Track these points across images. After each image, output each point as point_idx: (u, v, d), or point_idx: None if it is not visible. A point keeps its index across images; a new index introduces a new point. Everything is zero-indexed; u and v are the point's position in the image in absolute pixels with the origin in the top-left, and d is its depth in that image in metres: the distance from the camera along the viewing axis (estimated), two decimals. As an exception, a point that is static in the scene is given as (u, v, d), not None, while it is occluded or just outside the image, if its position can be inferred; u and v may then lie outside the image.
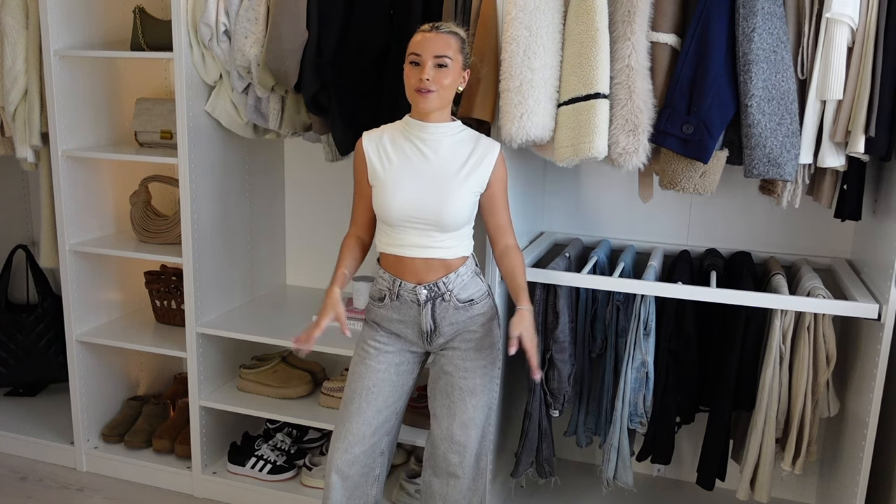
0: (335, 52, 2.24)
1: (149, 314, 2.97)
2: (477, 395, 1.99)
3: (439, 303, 1.95)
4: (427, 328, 1.97)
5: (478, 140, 1.94)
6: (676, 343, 2.20)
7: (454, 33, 1.86)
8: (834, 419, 2.34)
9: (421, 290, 1.94)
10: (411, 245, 1.92)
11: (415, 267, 1.93)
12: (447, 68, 1.83)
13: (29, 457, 2.90)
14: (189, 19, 2.38)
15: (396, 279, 1.95)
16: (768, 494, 2.14)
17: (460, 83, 1.90)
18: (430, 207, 1.88)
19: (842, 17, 1.82)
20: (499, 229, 2.00)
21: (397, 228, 1.92)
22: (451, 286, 1.95)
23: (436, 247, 1.92)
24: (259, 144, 2.82)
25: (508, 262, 2.00)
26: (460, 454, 2.00)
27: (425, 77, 1.82)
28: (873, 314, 1.95)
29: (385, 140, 1.94)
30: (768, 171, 1.88)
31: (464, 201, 1.90)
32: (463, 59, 1.88)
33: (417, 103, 1.86)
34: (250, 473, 2.66)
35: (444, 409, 2.00)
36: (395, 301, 1.97)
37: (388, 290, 1.97)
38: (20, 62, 2.60)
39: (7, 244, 3.24)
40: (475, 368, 1.99)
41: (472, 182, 1.90)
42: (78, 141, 2.69)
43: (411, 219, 1.89)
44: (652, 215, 2.59)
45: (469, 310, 1.98)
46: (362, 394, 1.99)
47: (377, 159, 1.93)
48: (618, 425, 2.20)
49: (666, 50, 1.96)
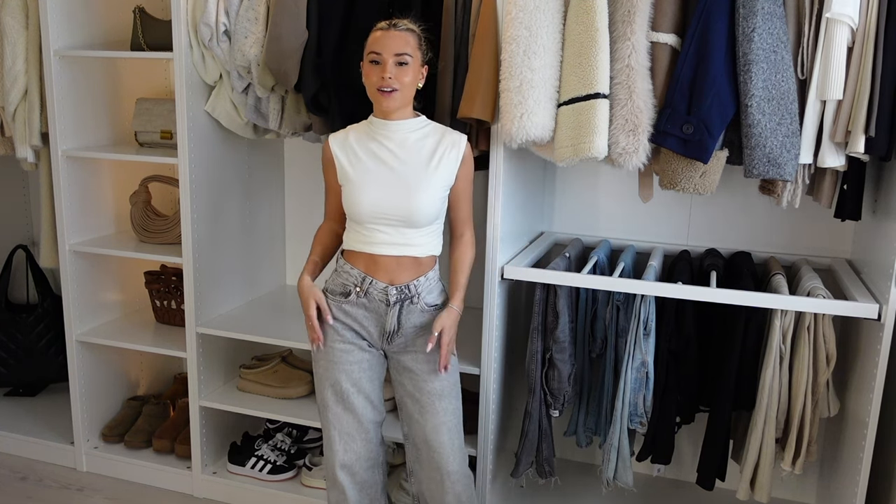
0: (335, 51, 2.24)
1: (149, 314, 2.97)
2: (439, 397, 2.00)
3: (407, 305, 1.97)
4: (391, 328, 1.98)
5: (444, 133, 1.97)
6: (676, 343, 2.20)
7: (411, 30, 1.89)
8: (834, 419, 2.34)
9: (391, 291, 1.95)
10: (382, 243, 1.93)
11: (387, 265, 1.94)
12: (408, 66, 1.86)
13: (29, 457, 2.90)
14: (189, 19, 2.38)
15: (367, 276, 1.95)
16: (768, 494, 2.14)
17: (419, 80, 1.92)
18: (400, 204, 1.89)
19: (842, 17, 1.81)
20: (458, 221, 2.04)
21: (367, 226, 1.93)
22: (420, 289, 1.97)
23: (407, 244, 1.93)
24: (259, 144, 2.82)
25: (457, 254, 2.03)
26: (445, 454, 2.00)
27: (387, 76, 1.84)
28: (873, 314, 1.95)
29: (351, 140, 1.97)
30: (768, 171, 1.88)
31: (433, 196, 1.92)
32: (421, 55, 1.90)
33: (380, 102, 1.89)
34: (250, 473, 2.66)
35: (416, 415, 2.01)
36: (361, 298, 1.97)
37: (355, 286, 1.97)
38: (20, 62, 2.60)
39: (7, 244, 3.24)
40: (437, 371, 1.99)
41: (440, 176, 1.93)
42: (78, 141, 2.69)
43: (382, 216, 1.90)
44: (652, 215, 2.59)
45: (433, 314, 2.00)
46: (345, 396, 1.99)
47: (345, 159, 1.95)
48: (618, 425, 2.20)
49: (666, 50, 1.96)
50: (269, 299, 2.91)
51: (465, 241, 2.04)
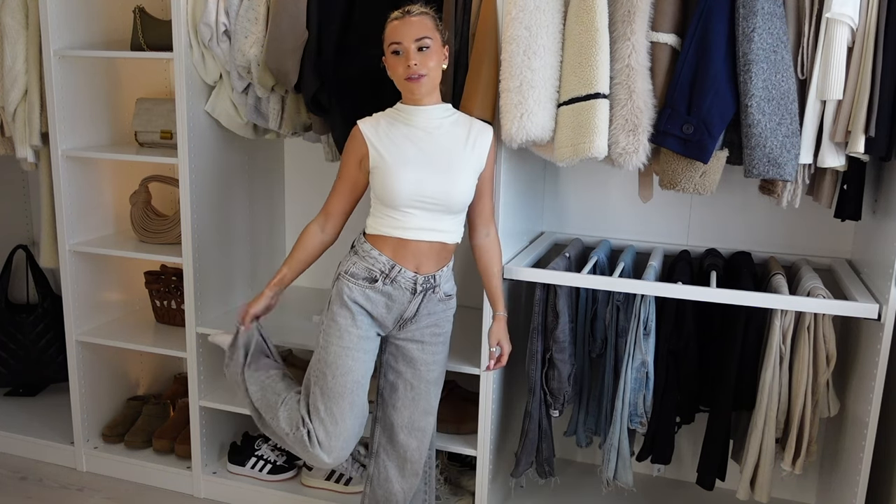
0: (335, 51, 2.24)
1: (149, 314, 2.97)
2: (435, 384, 2.08)
3: (429, 294, 1.99)
4: (409, 315, 2.00)
5: (471, 122, 1.98)
6: (676, 343, 2.20)
7: (425, 13, 1.87)
8: (834, 419, 2.34)
9: (419, 280, 1.96)
10: (417, 228, 1.92)
11: (418, 250, 1.94)
12: (430, 49, 1.85)
13: (29, 457, 2.90)
14: (189, 19, 2.38)
15: (395, 265, 1.95)
16: (768, 494, 2.14)
17: (444, 61, 1.91)
18: (439, 187, 1.89)
19: (842, 17, 1.81)
20: (482, 216, 2.03)
21: (403, 211, 1.91)
22: (440, 279, 2.00)
23: (440, 230, 1.94)
24: (259, 144, 2.82)
25: (487, 257, 2.05)
26: (419, 439, 2.07)
27: (412, 63, 1.83)
28: (873, 314, 1.95)
29: (381, 125, 1.94)
30: (768, 171, 1.88)
31: (468, 179, 1.93)
32: (440, 36, 1.89)
33: (411, 91, 1.87)
34: (250, 473, 2.66)
35: (406, 400, 2.05)
36: (387, 285, 1.97)
37: (382, 273, 1.96)
38: (20, 62, 2.60)
39: (7, 244, 3.24)
40: (439, 361, 2.07)
41: (473, 160, 1.94)
42: (78, 141, 2.69)
43: (420, 200, 1.90)
44: (652, 215, 2.59)
45: (446, 304, 2.04)
46: (354, 388, 1.98)
47: (379, 143, 1.92)
48: (618, 425, 2.20)
49: (666, 50, 1.96)
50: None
51: (492, 241, 2.07)
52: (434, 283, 1.98)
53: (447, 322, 2.07)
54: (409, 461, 2.09)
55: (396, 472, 2.10)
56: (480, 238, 2.05)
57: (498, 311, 2.07)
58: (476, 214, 2.03)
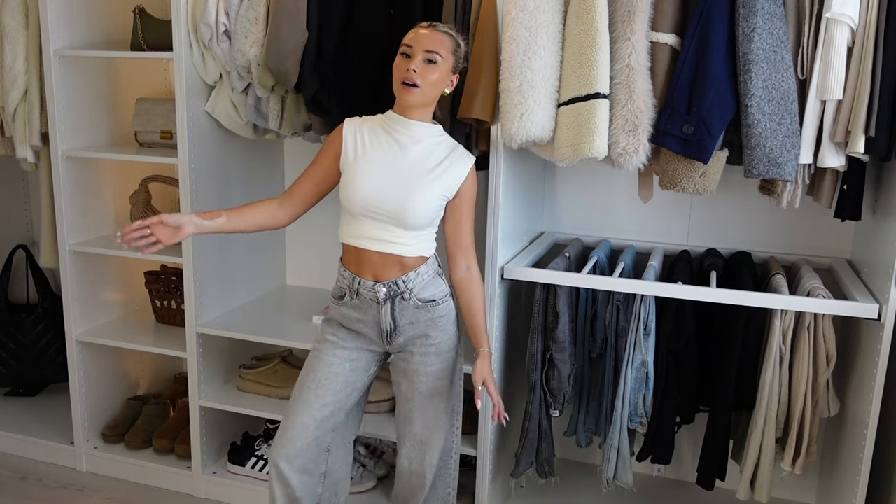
0: (335, 51, 2.24)
1: (149, 314, 2.97)
2: (437, 398, 2.00)
3: (399, 301, 1.93)
4: (387, 327, 1.96)
5: (454, 148, 1.94)
6: (676, 343, 2.20)
7: (448, 34, 1.86)
8: (834, 419, 2.34)
9: (380, 289, 1.92)
10: (369, 237, 1.90)
11: (371, 261, 1.92)
12: (436, 65, 1.83)
13: (29, 457, 2.90)
14: (189, 19, 2.38)
15: (356, 277, 1.95)
16: (768, 494, 2.14)
17: (448, 86, 1.89)
18: (393, 200, 1.86)
19: (842, 17, 1.81)
20: (461, 247, 1.96)
21: (359, 218, 1.90)
22: (410, 284, 1.93)
23: (394, 242, 1.90)
24: (259, 144, 2.82)
25: (468, 294, 1.97)
26: (423, 452, 2.02)
27: (412, 68, 1.81)
28: (873, 314, 1.95)
29: (364, 129, 1.93)
30: (768, 171, 1.88)
31: (429, 202, 1.88)
32: (454, 61, 1.87)
33: (402, 96, 1.85)
34: (250, 473, 2.66)
35: (406, 413, 2.02)
36: (354, 299, 1.96)
37: (348, 289, 1.96)
38: (20, 62, 2.60)
39: (7, 244, 3.24)
40: (436, 373, 1.98)
41: (440, 185, 1.89)
42: (78, 141, 2.69)
43: (373, 210, 1.88)
44: (652, 215, 2.59)
45: (430, 311, 1.95)
46: (311, 387, 1.98)
47: (352, 145, 1.92)
48: (618, 425, 2.20)
49: (666, 50, 1.96)
50: (269, 299, 2.90)
51: (473, 280, 1.97)
52: (400, 290, 1.92)
53: (439, 331, 1.97)
54: (414, 473, 2.05)
55: (405, 483, 2.08)
56: (461, 273, 1.96)
57: (482, 347, 1.96)
58: (454, 245, 1.96)
